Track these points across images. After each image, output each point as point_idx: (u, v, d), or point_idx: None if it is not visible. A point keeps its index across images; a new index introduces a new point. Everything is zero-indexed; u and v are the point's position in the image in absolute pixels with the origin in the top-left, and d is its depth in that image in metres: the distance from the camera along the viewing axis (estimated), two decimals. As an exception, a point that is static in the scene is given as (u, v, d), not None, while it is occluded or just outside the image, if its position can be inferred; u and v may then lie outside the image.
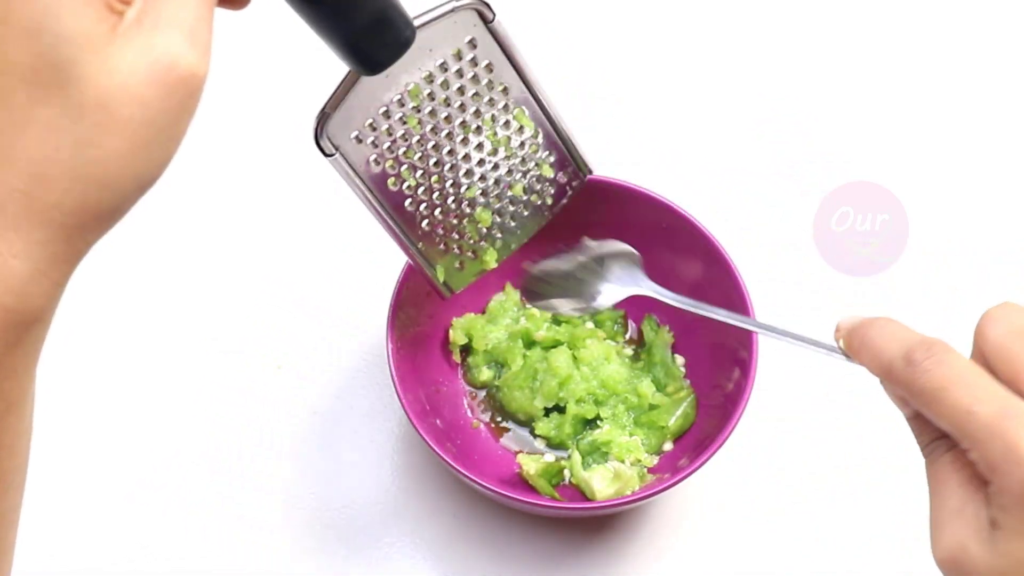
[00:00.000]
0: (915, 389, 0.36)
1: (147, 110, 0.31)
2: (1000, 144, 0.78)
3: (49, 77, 0.30)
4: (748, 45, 0.82)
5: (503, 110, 0.52)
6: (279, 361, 0.69)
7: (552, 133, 0.55)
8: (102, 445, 0.66)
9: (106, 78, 0.30)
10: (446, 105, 0.50)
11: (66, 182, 0.31)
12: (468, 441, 0.64)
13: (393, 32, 0.40)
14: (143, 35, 0.31)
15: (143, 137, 0.31)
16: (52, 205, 0.31)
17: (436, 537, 0.64)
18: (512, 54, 0.50)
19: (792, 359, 0.69)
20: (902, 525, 0.65)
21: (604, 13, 0.83)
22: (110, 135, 0.31)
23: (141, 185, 0.33)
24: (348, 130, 0.48)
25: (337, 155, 0.48)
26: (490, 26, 0.48)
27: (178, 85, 0.31)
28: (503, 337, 0.66)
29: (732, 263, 0.62)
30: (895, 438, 0.68)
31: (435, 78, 0.49)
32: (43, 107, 0.31)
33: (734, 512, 0.65)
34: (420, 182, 0.53)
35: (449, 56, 0.49)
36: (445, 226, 0.55)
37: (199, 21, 0.32)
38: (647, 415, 0.64)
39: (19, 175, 0.31)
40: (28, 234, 0.31)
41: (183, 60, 0.31)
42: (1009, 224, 0.75)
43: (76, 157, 0.31)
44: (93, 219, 0.32)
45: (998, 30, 0.83)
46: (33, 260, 0.31)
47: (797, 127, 0.79)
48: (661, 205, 0.64)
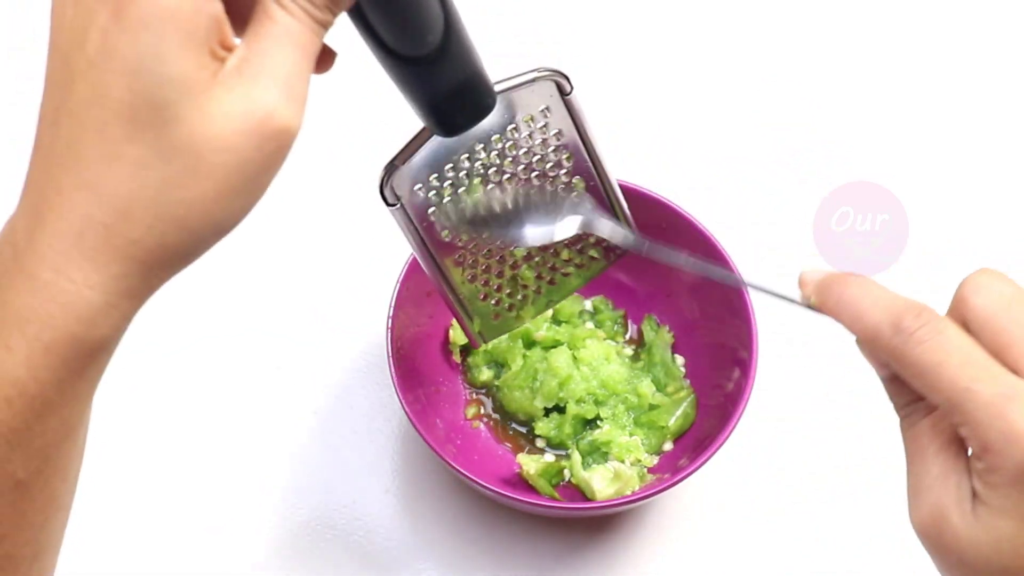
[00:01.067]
0: (906, 360, 0.35)
1: (238, 159, 0.31)
2: (1000, 144, 0.78)
3: (146, 116, 0.30)
4: (748, 45, 0.82)
5: (564, 176, 0.52)
6: (279, 361, 0.69)
7: (606, 201, 0.54)
8: (100, 445, 0.66)
9: (202, 123, 0.31)
10: (512, 165, 0.50)
11: (149, 220, 0.31)
12: (468, 441, 0.64)
13: (476, 99, 0.41)
14: (243, 84, 0.31)
15: (230, 185, 0.32)
16: (132, 241, 0.32)
17: (436, 537, 0.64)
18: (582, 126, 0.50)
19: (792, 359, 0.70)
20: (902, 525, 0.64)
21: (604, 13, 0.83)
22: (198, 179, 0.31)
23: (219, 231, 0.33)
24: (412, 183, 0.48)
25: (399, 206, 0.48)
26: (566, 98, 0.48)
27: (272, 137, 0.32)
28: (503, 337, 0.66)
29: (732, 263, 0.62)
30: (895, 438, 0.68)
31: (505, 140, 0.49)
32: (135, 144, 0.31)
33: (734, 512, 0.65)
34: (474, 237, 0.53)
35: (521, 121, 0.49)
36: (489, 280, 0.55)
37: (298, 76, 0.32)
38: (647, 415, 0.64)
39: (103, 208, 0.31)
40: (105, 267, 0.32)
41: (279, 113, 0.32)
42: (1009, 224, 0.75)
43: (162, 197, 0.31)
44: (169, 259, 0.33)
45: (998, 31, 0.83)
46: (107, 293, 0.32)
47: (797, 127, 0.79)
48: (661, 205, 0.64)
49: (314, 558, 0.63)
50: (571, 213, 0.52)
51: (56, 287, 0.31)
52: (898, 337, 0.36)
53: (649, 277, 0.68)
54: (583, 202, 0.52)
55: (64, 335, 0.32)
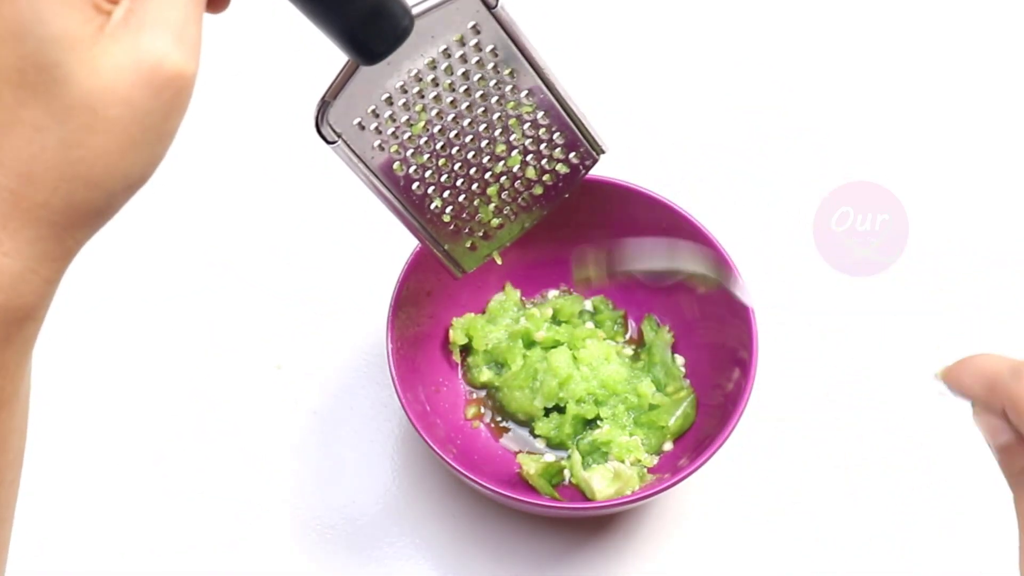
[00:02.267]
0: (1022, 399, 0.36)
1: (134, 110, 0.31)
2: (1000, 145, 0.78)
3: (34, 78, 0.30)
4: (748, 45, 0.82)
5: (511, 92, 0.52)
6: (279, 361, 0.69)
7: (563, 115, 0.54)
8: (100, 445, 0.66)
9: (92, 79, 0.30)
10: (451, 90, 0.50)
11: (53, 181, 0.31)
12: (468, 441, 0.64)
13: (391, 22, 0.40)
14: (129, 35, 0.31)
15: (130, 137, 0.31)
16: (40, 204, 0.31)
17: (436, 537, 0.64)
18: (518, 38, 0.50)
19: (792, 359, 0.70)
20: (902, 525, 0.65)
21: (604, 14, 0.83)
22: (96, 135, 0.31)
23: (130, 184, 0.33)
24: (350, 118, 0.48)
25: (340, 142, 0.48)
26: (493, 12, 0.48)
27: (166, 84, 0.31)
28: (503, 337, 0.66)
29: (732, 263, 0.62)
30: (895, 438, 0.68)
31: (439, 64, 0.49)
32: (29, 108, 0.31)
33: (734, 512, 0.65)
34: (428, 165, 0.53)
35: (452, 42, 0.48)
36: (455, 207, 0.55)
37: (187, 20, 0.32)
38: (647, 415, 0.64)
39: (7, 174, 0.31)
40: (17, 232, 0.31)
41: (170, 59, 0.31)
42: (1009, 225, 0.75)
43: (62, 157, 0.31)
44: (82, 218, 0.32)
45: (998, 31, 0.83)
46: (23, 258, 0.32)
47: (797, 127, 0.79)
48: (661, 205, 0.64)
49: (314, 558, 0.63)
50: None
51: None
52: (1016, 380, 0.36)
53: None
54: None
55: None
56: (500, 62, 0.51)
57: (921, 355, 0.70)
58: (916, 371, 0.70)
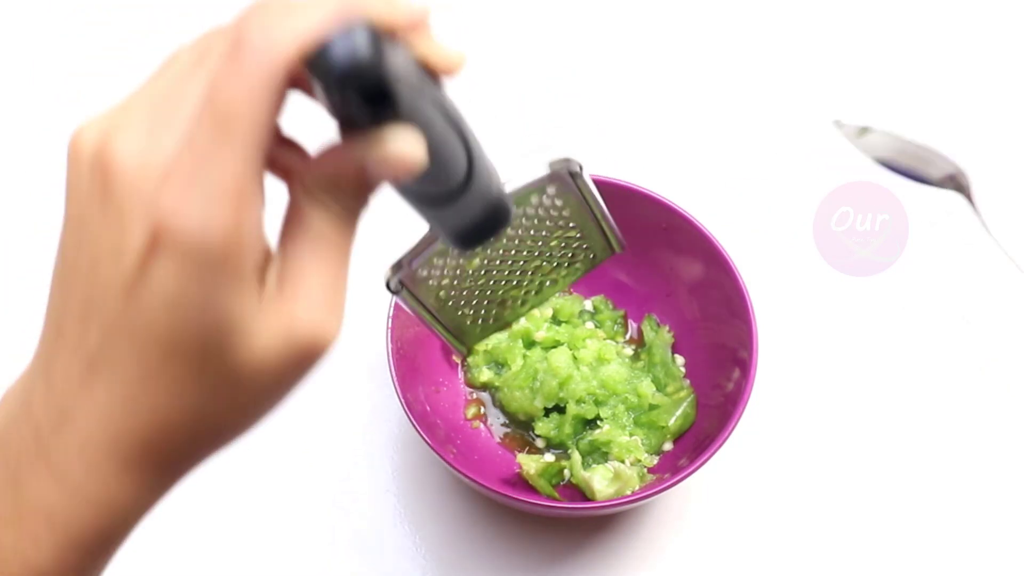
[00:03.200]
0: None
1: (279, 383, 0.31)
2: (1000, 145, 0.78)
3: (188, 348, 0.29)
4: (748, 45, 0.82)
5: (560, 224, 0.51)
6: (279, 361, 0.69)
7: (592, 226, 0.53)
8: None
9: (245, 354, 0.30)
10: (509, 239, 0.50)
11: (186, 437, 0.32)
12: (468, 441, 0.64)
13: (496, 222, 0.40)
14: (285, 305, 0.30)
15: (269, 401, 0.32)
16: (167, 454, 0.32)
17: (436, 537, 0.64)
18: (593, 200, 0.50)
19: (792, 359, 0.70)
20: (902, 525, 0.65)
21: (604, 14, 0.83)
22: (236, 407, 0.31)
23: (244, 434, 0.34)
24: (416, 273, 0.48)
25: (403, 292, 0.49)
26: (577, 181, 0.48)
27: (313, 355, 0.31)
28: (503, 337, 0.66)
29: (732, 263, 0.62)
30: (895, 438, 0.68)
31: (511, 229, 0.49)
32: (176, 366, 0.30)
33: (734, 512, 0.65)
34: (466, 287, 0.53)
35: (526, 207, 0.48)
36: (476, 310, 0.55)
37: (337, 282, 0.32)
38: (647, 415, 0.64)
39: (140, 422, 0.31)
40: (140, 476, 0.32)
41: (322, 330, 0.31)
42: (1009, 225, 0.75)
43: (200, 419, 0.31)
44: (199, 463, 0.34)
45: (998, 31, 0.83)
46: (140, 496, 0.33)
47: (797, 127, 0.79)
48: (661, 205, 0.64)
49: (314, 558, 0.63)
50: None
51: (88, 489, 0.31)
52: None
53: (649, 277, 0.68)
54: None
55: (94, 531, 0.32)
56: (560, 207, 0.50)
57: (921, 355, 0.70)
58: (916, 371, 0.70)
